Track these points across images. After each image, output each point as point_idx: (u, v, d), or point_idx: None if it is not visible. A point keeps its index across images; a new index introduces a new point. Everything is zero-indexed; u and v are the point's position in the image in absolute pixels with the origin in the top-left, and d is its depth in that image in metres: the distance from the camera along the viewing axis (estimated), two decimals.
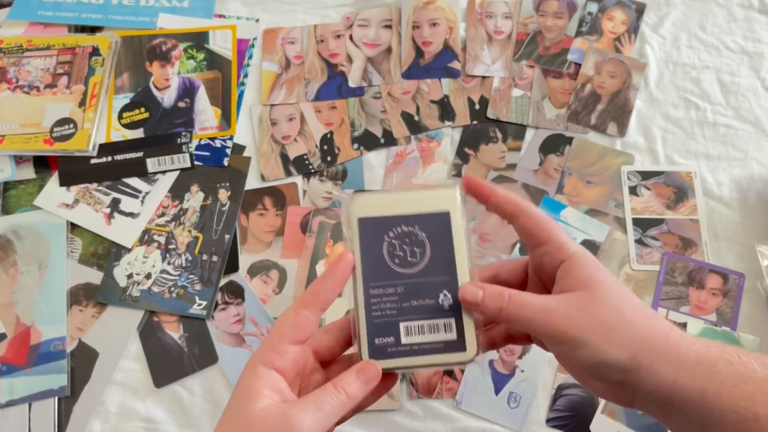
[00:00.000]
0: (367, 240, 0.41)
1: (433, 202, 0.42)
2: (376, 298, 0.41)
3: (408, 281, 0.41)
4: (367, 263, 0.41)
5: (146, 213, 0.70)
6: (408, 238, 0.41)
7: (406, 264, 0.41)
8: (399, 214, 0.42)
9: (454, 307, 0.40)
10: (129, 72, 0.77)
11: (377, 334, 0.40)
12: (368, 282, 0.41)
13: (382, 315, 0.40)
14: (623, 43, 0.78)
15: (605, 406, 0.60)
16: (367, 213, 0.42)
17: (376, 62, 0.78)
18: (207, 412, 0.62)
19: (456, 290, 0.40)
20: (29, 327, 0.64)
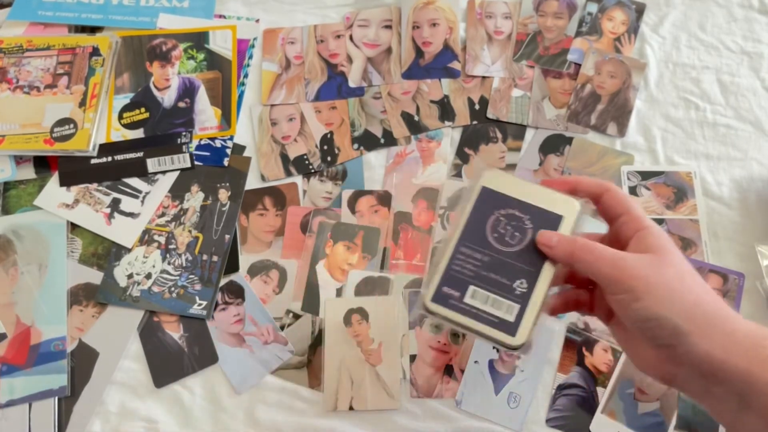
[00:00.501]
0: (480, 207, 0.45)
1: (554, 203, 0.45)
2: (462, 255, 0.44)
3: (496, 256, 0.44)
4: (470, 225, 0.45)
5: (146, 213, 0.70)
6: (515, 221, 0.44)
7: (502, 242, 0.44)
8: (518, 199, 0.45)
9: (524, 297, 0.43)
10: (129, 72, 0.77)
11: (448, 284, 0.43)
12: (463, 240, 0.44)
13: (459, 271, 0.44)
14: (623, 43, 0.78)
15: (605, 406, 0.60)
16: (492, 185, 0.46)
17: (376, 62, 0.78)
18: (207, 411, 0.62)
19: (533, 284, 0.43)
20: (29, 327, 0.64)
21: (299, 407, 0.62)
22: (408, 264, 0.67)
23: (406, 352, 0.63)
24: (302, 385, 0.63)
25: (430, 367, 0.62)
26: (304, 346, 0.64)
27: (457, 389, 0.62)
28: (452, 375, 0.62)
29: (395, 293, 0.66)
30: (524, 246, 0.44)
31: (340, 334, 0.64)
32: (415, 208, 0.70)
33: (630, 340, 0.41)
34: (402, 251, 0.68)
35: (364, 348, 0.63)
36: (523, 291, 0.43)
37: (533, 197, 0.45)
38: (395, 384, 0.62)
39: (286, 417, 0.62)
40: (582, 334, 0.63)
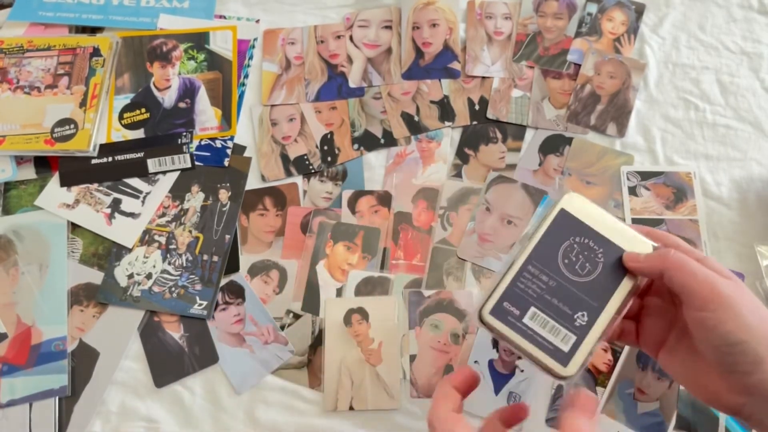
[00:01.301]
0: (555, 229, 0.45)
1: (631, 242, 0.44)
2: (529, 274, 0.44)
3: (562, 282, 0.43)
4: (541, 246, 0.44)
5: (147, 213, 0.70)
6: (588, 253, 0.44)
7: (571, 269, 0.44)
8: (595, 230, 0.44)
9: (583, 330, 0.43)
10: (129, 72, 0.77)
11: (509, 299, 0.43)
12: (532, 259, 0.44)
13: (523, 289, 0.43)
14: (623, 43, 0.78)
15: (605, 406, 0.60)
16: (572, 209, 0.45)
17: (376, 63, 0.78)
18: (207, 411, 0.62)
19: (594, 319, 0.43)
20: (30, 327, 0.65)
21: (299, 407, 0.62)
22: (408, 264, 0.68)
23: (406, 352, 0.63)
24: (302, 385, 0.63)
25: (430, 367, 0.63)
26: (304, 346, 0.64)
27: None
28: None
29: (395, 293, 0.66)
30: (593, 278, 0.43)
31: (341, 334, 0.64)
32: (415, 209, 0.70)
33: (692, 370, 0.41)
34: (402, 251, 0.68)
35: (364, 348, 0.63)
36: (582, 324, 0.43)
37: (611, 232, 0.44)
38: (395, 384, 0.62)
39: (286, 417, 0.62)
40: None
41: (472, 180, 0.72)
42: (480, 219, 0.69)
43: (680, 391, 0.60)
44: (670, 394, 0.60)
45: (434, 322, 0.64)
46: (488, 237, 0.68)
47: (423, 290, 0.66)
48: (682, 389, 0.60)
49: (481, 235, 0.68)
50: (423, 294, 0.65)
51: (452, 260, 0.67)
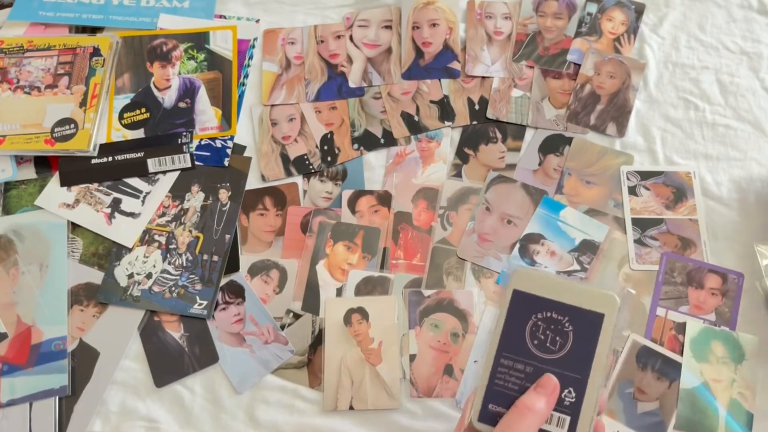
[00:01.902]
0: (515, 312, 0.42)
1: (592, 300, 0.42)
2: (504, 368, 0.42)
3: (539, 365, 0.41)
4: (507, 333, 0.42)
5: (147, 213, 0.70)
6: (554, 325, 0.42)
7: (544, 348, 0.42)
8: (554, 299, 0.42)
9: (575, 407, 0.41)
10: (130, 72, 0.77)
11: (493, 400, 0.41)
12: (501, 351, 0.42)
13: (503, 385, 0.42)
14: (622, 43, 0.78)
15: None
16: (524, 287, 0.43)
17: (376, 63, 0.78)
18: (207, 411, 0.62)
19: (583, 392, 0.41)
20: (30, 327, 0.65)
21: (299, 407, 0.62)
22: (408, 264, 0.68)
23: (406, 352, 0.63)
24: (302, 384, 0.63)
25: (430, 366, 0.63)
26: (304, 346, 0.64)
27: (456, 389, 0.62)
28: (452, 375, 0.62)
29: (395, 293, 0.66)
30: (567, 351, 0.41)
31: (341, 334, 0.64)
32: (415, 208, 0.70)
33: None
34: (402, 251, 0.68)
35: (364, 348, 0.63)
36: (571, 401, 0.41)
37: (569, 296, 0.42)
38: (395, 383, 0.62)
39: (286, 416, 0.62)
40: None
41: (472, 180, 0.72)
42: (480, 219, 0.69)
43: (680, 391, 0.60)
44: (670, 394, 0.60)
45: (434, 322, 0.64)
46: (488, 237, 0.68)
47: (423, 290, 0.66)
48: (682, 389, 0.60)
49: (481, 234, 0.68)
50: (423, 294, 0.65)
51: (452, 260, 0.67)
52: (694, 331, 0.62)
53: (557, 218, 0.68)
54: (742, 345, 0.62)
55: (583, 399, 0.41)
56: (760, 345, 0.62)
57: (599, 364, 0.41)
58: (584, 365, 0.41)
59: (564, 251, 0.67)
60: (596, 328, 0.42)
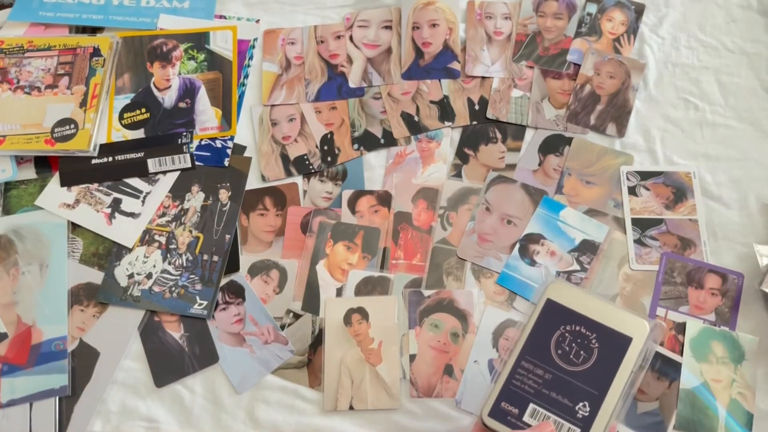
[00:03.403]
0: (544, 320, 0.44)
1: (622, 322, 0.44)
2: (524, 370, 0.43)
3: (558, 374, 0.43)
4: (533, 338, 0.44)
5: (147, 213, 0.70)
6: (581, 339, 0.43)
7: (566, 359, 0.43)
8: (585, 315, 0.44)
9: (586, 422, 0.41)
10: (130, 72, 0.77)
11: (506, 399, 0.43)
12: (524, 353, 0.43)
13: (520, 386, 0.43)
14: (622, 43, 0.78)
15: None
16: (558, 298, 0.44)
17: (376, 63, 0.78)
18: (207, 411, 0.62)
19: (597, 408, 0.41)
20: (30, 327, 0.65)
21: (299, 407, 0.62)
22: (408, 264, 0.68)
23: (406, 352, 0.63)
24: (302, 384, 0.63)
25: (430, 366, 0.63)
26: (304, 346, 0.64)
27: (457, 389, 0.62)
28: (452, 375, 0.62)
29: (395, 293, 0.66)
30: (589, 366, 0.42)
31: (341, 334, 0.64)
32: (415, 208, 0.70)
33: None
34: (402, 251, 0.68)
35: (364, 348, 0.63)
36: (584, 415, 0.41)
37: (601, 314, 0.43)
38: (395, 383, 0.62)
39: (286, 417, 0.62)
40: None
41: (472, 180, 0.72)
42: (480, 219, 0.69)
43: (680, 391, 0.60)
44: (670, 394, 0.60)
45: (434, 322, 0.64)
46: (488, 237, 0.68)
47: (423, 290, 0.66)
48: (682, 389, 0.60)
49: (481, 235, 0.68)
50: (423, 294, 0.65)
51: (452, 260, 0.67)
52: (693, 331, 0.62)
53: (557, 218, 0.68)
54: (742, 345, 0.62)
55: (597, 415, 0.41)
56: (760, 345, 0.62)
57: (619, 384, 0.42)
58: (604, 383, 0.42)
59: (564, 251, 0.67)
60: (622, 350, 0.43)
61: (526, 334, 0.44)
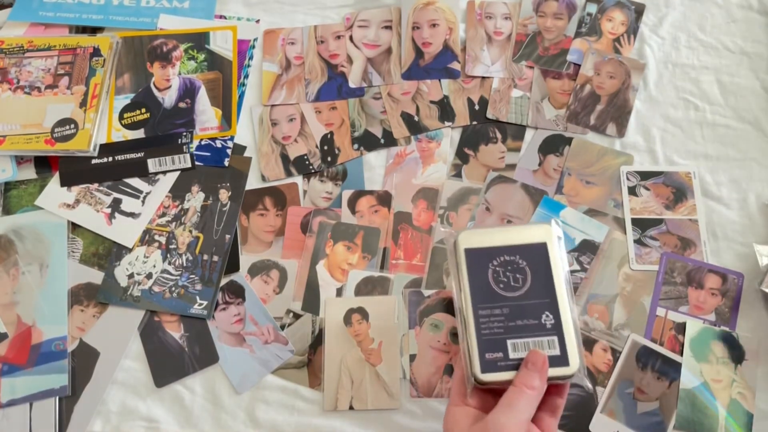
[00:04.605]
0: (473, 268, 0.47)
1: (531, 235, 0.48)
2: (485, 318, 0.46)
3: (512, 303, 0.46)
4: (474, 288, 0.47)
5: (147, 213, 0.70)
6: (510, 266, 0.47)
7: (510, 288, 0.46)
8: (501, 245, 0.48)
9: (557, 326, 0.45)
10: (130, 72, 0.77)
11: (487, 349, 0.45)
12: (476, 304, 0.46)
13: (490, 333, 0.45)
14: (622, 43, 0.78)
15: (605, 406, 0.60)
16: (472, 244, 0.48)
17: (376, 63, 0.78)
18: (208, 411, 0.62)
19: (557, 311, 0.45)
20: (30, 327, 0.65)
21: (299, 407, 0.62)
22: (408, 264, 0.68)
23: (406, 352, 0.63)
24: (302, 384, 0.63)
25: (430, 366, 0.63)
26: (304, 346, 0.64)
27: None
28: (452, 374, 0.62)
29: (395, 293, 0.66)
30: (530, 282, 0.46)
31: (341, 334, 0.64)
32: (415, 208, 0.70)
33: None
34: (402, 251, 0.68)
35: (364, 348, 0.63)
36: (552, 323, 0.45)
37: (512, 238, 0.48)
38: (395, 383, 0.62)
39: (286, 417, 0.62)
40: (581, 333, 0.63)
41: (472, 180, 0.72)
42: (480, 219, 0.69)
43: (680, 391, 0.60)
44: (670, 394, 0.60)
45: (434, 322, 0.64)
46: None
47: (423, 290, 0.66)
48: (682, 389, 0.60)
49: None
50: (423, 294, 0.65)
51: None
52: (693, 331, 0.62)
53: (557, 218, 0.68)
54: (742, 345, 0.62)
55: (561, 317, 0.45)
56: (760, 345, 0.62)
57: (559, 283, 0.46)
58: (548, 289, 0.46)
59: None
60: (545, 255, 0.47)
61: (467, 288, 0.46)
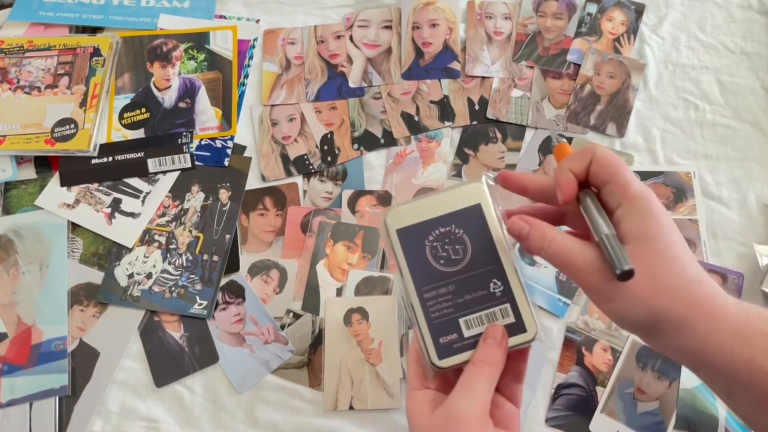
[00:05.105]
0: (409, 248, 0.43)
1: (462, 198, 0.43)
2: (431, 300, 0.42)
3: (457, 278, 0.42)
4: (414, 270, 0.43)
5: (147, 213, 0.70)
6: (447, 238, 0.43)
7: (451, 262, 0.42)
8: (433, 217, 0.43)
9: (507, 293, 0.42)
10: (130, 72, 0.77)
11: (440, 333, 0.42)
12: (420, 287, 0.42)
13: (440, 315, 0.42)
14: (622, 43, 0.78)
15: (605, 406, 0.60)
16: (402, 223, 0.43)
17: (376, 63, 0.78)
18: (207, 411, 0.62)
19: (504, 276, 0.42)
20: (30, 327, 0.65)
21: (299, 407, 0.62)
22: None
23: (406, 352, 0.63)
24: (302, 384, 0.63)
25: None
26: (304, 346, 0.64)
27: None
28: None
29: (395, 293, 0.66)
30: (470, 252, 0.42)
31: (341, 334, 0.64)
32: None
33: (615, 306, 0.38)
34: None
35: (364, 347, 0.63)
36: (501, 289, 0.42)
37: (441, 207, 0.43)
38: (395, 383, 0.62)
39: (286, 417, 0.62)
40: (581, 333, 0.63)
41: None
42: None
43: (680, 391, 0.60)
44: (670, 394, 0.60)
45: None
46: None
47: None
48: (682, 389, 0.60)
49: None
50: None
51: None
52: None
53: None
54: None
55: (509, 282, 0.42)
56: None
57: (502, 245, 0.42)
58: (491, 254, 0.42)
59: None
60: (481, 219, 0.43)
61: (406, 269, 0.43)
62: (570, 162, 0.40)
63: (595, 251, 0.37)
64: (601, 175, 0.38)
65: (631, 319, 0.36)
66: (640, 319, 0.36)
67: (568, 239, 0.38)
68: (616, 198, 0.37)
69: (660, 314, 0.35)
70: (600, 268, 0.36)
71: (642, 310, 0.35)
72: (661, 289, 0.35)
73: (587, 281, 0.37)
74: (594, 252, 0.37)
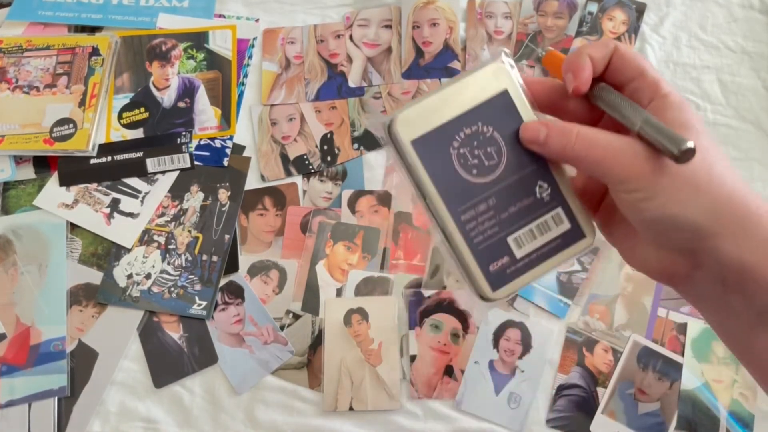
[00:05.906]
0: (431, 162, 0.34)
1: (483, 87, 0.34)
2: (471, 222, 0.34)
3: (496, 188, 0.34)
4: (443, 189, 0.34)
5: (146, 213, 0.70)
6: (476, 140, 0.34)
7: (486, 170, 0.34)
8: (454, 117, 0.34)
9: (556, 195, 0.35)
10: (129, 72, 0.77)
11: (489, 260, 0.34)
12: (455, 208, 0.34)
13: (485, 238, 0.34)
14: (623, 43, 0.78)
15: (606, 407, 0.60)
16: (417, 131, 0.34)
17: (376, 62, 0.78)
18: (207, 411, 0.62)
19: (550, 175, 0.34)
20: (29, 327, 0.64)
21: (299, 407, 0.62)
22: (408, 264, 0.67)
23: (406, 353, 0.63)
24: (302, 385, 0.63)
25: (430, 367, 0.62)
26: (304, 347, 0.64)
27: (457, 389, 0.62)
28: (452, 375, 0.62)
29: (395, 293, 0.66)
30: (505, 153, 0.34)
31: (340, 334, 0.64)
32: (415, 208, 0.70)
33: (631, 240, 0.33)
34: (402, 251, 0.68)
35: (364, 348, 0.63)
36: (548, 191, 0.34)
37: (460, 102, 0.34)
38: (395, 384, 0.62)
39: (286, 417, 0.62)
40: (582, 334, 0.63)
41: None
42: None
43: (681, 392, 0.60)
44: (671, 395, 0.60)
45: (434, 323, 0.64)
46: None
47: (423, 290, 0.66)
48: (683, 390, 0.60)
49: None
50: (423, 294, 0.65)
51: None
52: (695, 331, 0.62)
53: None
54: None
55: (557, 182, 0.35)
56: None
57: None
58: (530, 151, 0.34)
59: None
60: (512, 108, 0.34)
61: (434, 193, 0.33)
62: (591, 48, 0.33)
63: (632, 140, 0.31)
64: (625, 70, 0.32)
65: (684, 219, 0.29)
66: (696, 218, 0.29)
67: (595, 130, 0.31)
68: (647, 94, 0.32)
69: (721, 209, 0.29)
70: (644, 154, 0.30)
71: (702, 203, 0.29)
72: (723, 178, 0.29)
73: (628, 171, 0.30)
74: (630, 140, 0.31)
